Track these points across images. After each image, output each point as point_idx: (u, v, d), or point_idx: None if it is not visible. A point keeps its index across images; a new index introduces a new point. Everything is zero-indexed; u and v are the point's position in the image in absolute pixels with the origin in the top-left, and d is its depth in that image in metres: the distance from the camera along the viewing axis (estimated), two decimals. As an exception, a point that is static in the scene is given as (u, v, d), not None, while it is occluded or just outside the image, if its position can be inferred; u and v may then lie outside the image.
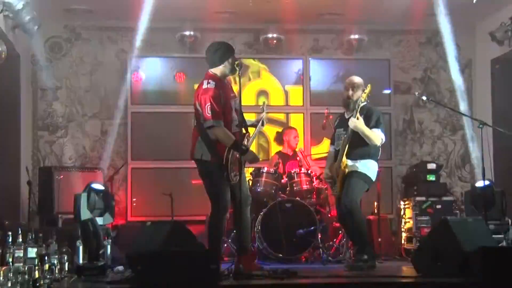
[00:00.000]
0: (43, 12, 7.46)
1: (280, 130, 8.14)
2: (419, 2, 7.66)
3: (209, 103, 5.22)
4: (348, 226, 5.98)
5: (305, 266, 6.39)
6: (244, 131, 5.43)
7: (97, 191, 6.34)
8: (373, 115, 5.85)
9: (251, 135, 5.62)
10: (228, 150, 5.27)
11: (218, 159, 5.29)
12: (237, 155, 5.23)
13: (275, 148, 8.21)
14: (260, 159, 5.77)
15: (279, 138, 7.90)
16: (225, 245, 6.79)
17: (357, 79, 6.01)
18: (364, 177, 5.81)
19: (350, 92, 5.93)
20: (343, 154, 5.78)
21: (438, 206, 7.61)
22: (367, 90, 5.83)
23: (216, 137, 5.26)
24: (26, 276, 4.31)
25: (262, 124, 5.74)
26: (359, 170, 5.79)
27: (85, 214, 6.09)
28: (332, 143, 6.20)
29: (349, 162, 5.80)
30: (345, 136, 5.81)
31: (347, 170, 5.79)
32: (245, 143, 5.38)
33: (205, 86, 5.32)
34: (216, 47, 5.49)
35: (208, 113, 5.21)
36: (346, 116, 6.00)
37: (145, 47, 8.54)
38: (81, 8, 7.60)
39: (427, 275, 4.84)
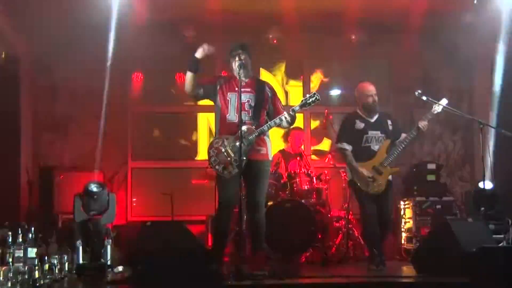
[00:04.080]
0: (43, 12, 7.45)
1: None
2: (420, 2, 7.66)
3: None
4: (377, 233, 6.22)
5: (305, 266, 6.39)
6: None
7: (93, 192, 6.30)
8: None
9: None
10: (210, 143, 5.56)
11: None
12: (223, 148, 5.40)
13: (276, 147, 8.19)
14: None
15: (285, 137, 7.87)
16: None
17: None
18: None
19: (376, 98, 6.30)
20: (389, 153, 6.19)
21: (438, 206, 7.60)
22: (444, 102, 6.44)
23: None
24: (26, 276, 4.32)
25: (280, 120, 5.44)
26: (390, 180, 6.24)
27: (79, 215, 6.08)
28: (345, 141, 6.26)
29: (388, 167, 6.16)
30: (409, 138, 6.31)
31: (391, 171, 6.20)
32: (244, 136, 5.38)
33: None
34: None
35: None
36: (371, 120, 6.27)
37: (145, 47, 8.57)
38: (81, 7, 7.58)
39: (427, 275, 4.84)
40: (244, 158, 5.33)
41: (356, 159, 6.15)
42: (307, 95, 5.46)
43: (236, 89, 5.51)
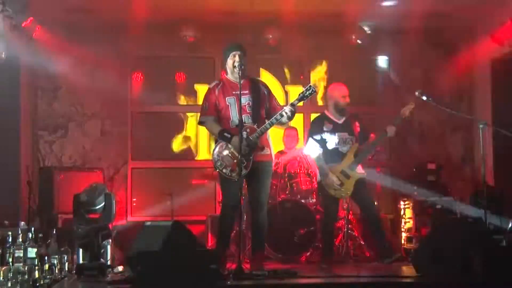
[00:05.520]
0: (43, 12, 7.46)
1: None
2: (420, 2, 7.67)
3: (204, 102, 5.65)
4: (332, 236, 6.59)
5: (305, 266, 6.39)
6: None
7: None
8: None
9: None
10: (215, 147, 5.53)
11: None
12: (228, 151, 5.41)
13: (276, 148, 8.18)
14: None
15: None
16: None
17: None
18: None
19: (348, 99, 6.37)
20: (356, 157, 6.25)
21: (438, 206, 7.61)
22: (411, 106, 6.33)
23: (208, 131, 5.81)
24: (26, 276, 4.32)
25: (281, 116, 5.40)
26: (365, 177, 6.34)
27: (79, 215, 6.06)
28: (314, 144, 6.36)
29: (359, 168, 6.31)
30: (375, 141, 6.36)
31: (358, 175, 6.25)
32: (247, 136, 5.39)
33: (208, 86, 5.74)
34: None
35: (201, 111, 5.66)
36: (338, 121, 6.36)
37: (145, 47, 8.59)
38: (81, 7, 7.60)
39: (427, 275, 4.84)
40: (251, 158, 5.40)
41: (325, 161, 6.28)
42: (304, 89, 5.44)
43: (234, 92, 5.51)
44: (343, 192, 6.24)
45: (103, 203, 5.88)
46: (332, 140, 6.32)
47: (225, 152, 5.45)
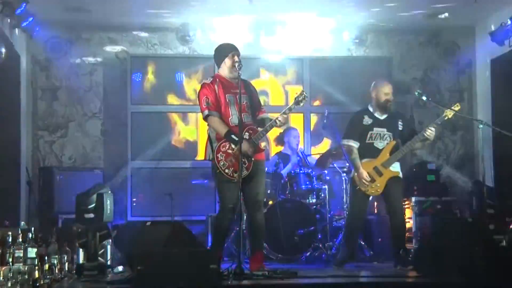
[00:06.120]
0: (43, 12, 7.47)
1: (281, 130, 8.11)
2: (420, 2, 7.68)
3: (205, 96, 5.51)
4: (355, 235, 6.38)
5: (305, 266, 6.39)
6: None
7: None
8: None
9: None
10: (216, 147, 5.45)
11: None
12: (231, 151, 5.38)
13: (275, 149, 8.18)
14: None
15: (280, 139, 7.86)
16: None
17: None
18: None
19: (392, 98, 6.21)
20: (392, 155, 6.07)
21: (438, 206, 7.60)
22: (456, 108, 6.09)
23: (212, 127, 5.55)
24: (26, 276, 4.32)
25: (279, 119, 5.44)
26: (400, 176, 6.16)
27: (80, 216, 6.05)
28: (352, 138, 6.19)
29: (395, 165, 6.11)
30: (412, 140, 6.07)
31: (392, 174, 6.08)
32: (246, 137, 5.41)
33: (203, 82, 5.69)
34: (214, 51, 5.74)
35: (204, 104, 5.51)
36: (380, 117, 6.17)
37: (145, 47, 8.58)
38: (81, 7, 7.61)
39: (427, 275, 4.85)
40: (252, 159, 5.42)
41: (359, 156, 6.13)
42: (297, 93, 5.53)
43: (232, 91, 5.52)
44: (373, 189, 6.04)
45: (94, 203, 5.88)
46: (368, 135, 6.14)
47: (229, 152, 5.43)
